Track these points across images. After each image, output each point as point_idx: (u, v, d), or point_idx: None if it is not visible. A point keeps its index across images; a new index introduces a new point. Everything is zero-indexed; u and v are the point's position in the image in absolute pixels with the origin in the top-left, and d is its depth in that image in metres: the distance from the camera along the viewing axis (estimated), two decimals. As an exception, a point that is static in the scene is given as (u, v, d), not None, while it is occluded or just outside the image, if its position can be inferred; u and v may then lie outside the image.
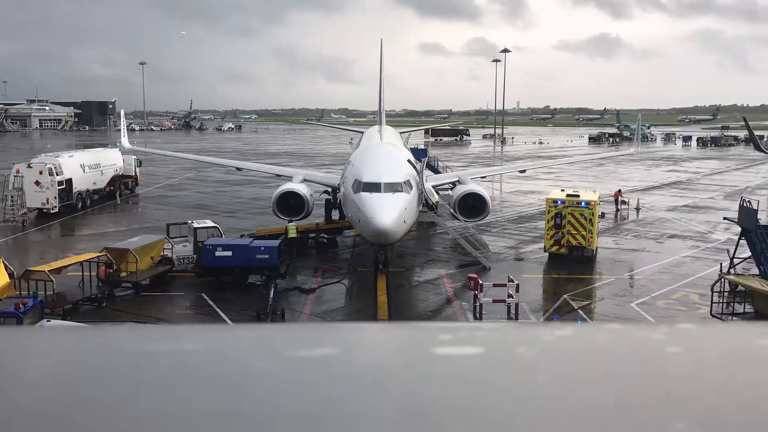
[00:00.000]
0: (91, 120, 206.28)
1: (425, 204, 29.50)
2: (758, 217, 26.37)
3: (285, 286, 26.56)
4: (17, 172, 42.27)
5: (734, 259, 27.21)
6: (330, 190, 38.71)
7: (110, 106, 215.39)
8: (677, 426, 1.05)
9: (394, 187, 25.54)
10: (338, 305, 25.58)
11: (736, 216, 27.82)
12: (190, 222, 31.81)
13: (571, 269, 29.81)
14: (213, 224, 31.28)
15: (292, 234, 32.16)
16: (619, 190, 46.96)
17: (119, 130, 57.64)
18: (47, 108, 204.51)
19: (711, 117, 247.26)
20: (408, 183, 26.37)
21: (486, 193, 34.33)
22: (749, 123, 68.66)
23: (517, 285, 24.11)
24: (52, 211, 42.35)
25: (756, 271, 26.16)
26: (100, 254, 26.20)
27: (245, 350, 1.37)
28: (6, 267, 23.45)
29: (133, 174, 54.19)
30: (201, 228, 30.23)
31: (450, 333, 1.44)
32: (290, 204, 33.40)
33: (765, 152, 71.46)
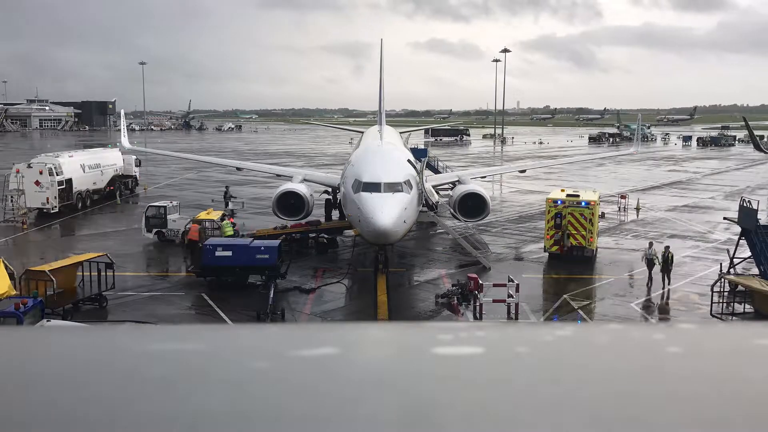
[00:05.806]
0: (91, 120, 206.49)
1: (425, 204, 29.51)
2: (758, 217, 26.38)
3: (285, 286, 26.57)
4: (17, 172, 42.26)
5: (734, 259, 27.22)
6: (330, 190, 38.73)
7: (110, 106, 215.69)
8: (677, 426, 1.05)
9: (394, 187, 25.53)
10: (338, 305, 25.58)
11: (736, 216, 27.84)
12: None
13: (571, 269, 29.82)
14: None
15: (228, 232, 31.65)
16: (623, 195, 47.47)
17: (119, 130, 57.69)
18: (47, 108, 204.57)
19: (688, 117, 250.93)
20: (408, 183, 26.35)
21: (486, 193, 34.35)
22: (749, 123, 68.76)
23: (517, 285, 24.09)
24: (52, 211, 42.36)
25: (756, 271, 26.16)
26: (100, 254, 26.20)
27: (245, 350, 1.37)
28: (6, 267, 23.44)
29: (133, 174, 54.24)
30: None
31: (450, 333, 1.44)
32: (290, 204, 33.41)
33: (765, 152, 71.47)
